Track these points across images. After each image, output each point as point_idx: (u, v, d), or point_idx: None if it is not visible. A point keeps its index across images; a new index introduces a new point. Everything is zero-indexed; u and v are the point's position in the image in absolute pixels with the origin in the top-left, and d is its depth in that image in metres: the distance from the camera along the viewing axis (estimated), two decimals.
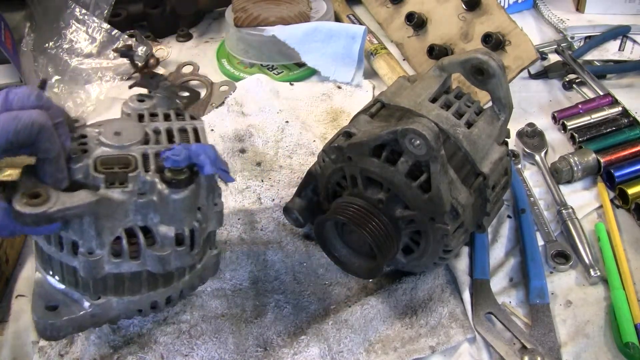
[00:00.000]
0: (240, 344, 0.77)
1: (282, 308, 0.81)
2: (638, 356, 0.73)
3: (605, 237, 0.88)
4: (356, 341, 0.77)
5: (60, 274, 0.70)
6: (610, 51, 1.26)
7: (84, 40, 1.21)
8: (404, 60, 1.26)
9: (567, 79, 1.19)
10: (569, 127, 1.06)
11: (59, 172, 0.61)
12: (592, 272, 0.83)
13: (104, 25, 1.22)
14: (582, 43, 1.28)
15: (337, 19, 1.34)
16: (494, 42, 1.09)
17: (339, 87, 1.19)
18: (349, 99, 1.17)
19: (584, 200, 0.96)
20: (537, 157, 1.02)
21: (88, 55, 1.21)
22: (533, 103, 1.16)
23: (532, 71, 1.21)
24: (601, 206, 0.94)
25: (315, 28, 1.19)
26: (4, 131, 0.56)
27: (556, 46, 1.27)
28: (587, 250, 0.86)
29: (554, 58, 1.25)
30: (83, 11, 1.22)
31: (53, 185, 0.61)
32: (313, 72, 1.23)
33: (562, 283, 0.84)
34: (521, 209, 0.91)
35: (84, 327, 0.72)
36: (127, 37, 1.22)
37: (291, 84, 1.20)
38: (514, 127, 1.03)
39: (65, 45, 1.21)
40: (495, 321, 0.79)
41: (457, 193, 0.73)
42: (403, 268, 0.84)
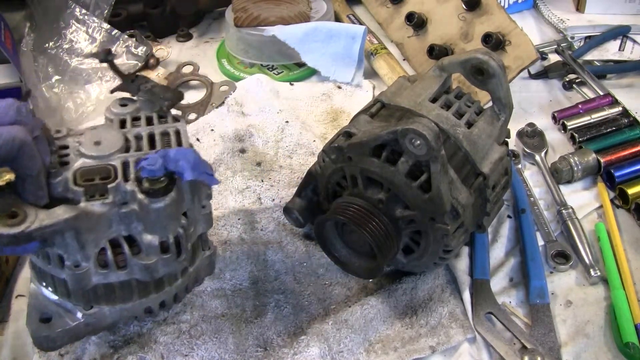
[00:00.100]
0: (240, 344, 0.77)
1: (282, 308, 0.81)
2: (638, 356, 0.73)
3: (605, 237, 0.88)
4: (356, 341, 0.77)
5: (52, 286, 0.70)
6: (610, 51, 1.26)
7: (84, 40, 1.21)
8: (404, 60, 1.26)
9: (567, 79, 1.19)
10: (569, 127, 1.06)
11: (39, 190, 0.60)
12: (592, 272, 0.83)
13: (104, 25, 1.22)
14: (582, 43, 1.28)
15: (337, 19, 1.34)
16: (494, 42, 1.09)
17: (339, 87, 1.19)
18: (349, 99, 1.17)
19: (584, 200, 0.96)
20: (537, 157, 1.02)
21: (88, 55, 1.20)
22: (533, 103, 1.16)
23: (532, 71, 1.21)
24: (601, 206, 0.94)
25: (315, 28, 1.19)
26: None
27: (556, 46, 1.27)
28: (587, 250, 0.86)
29: (554, 58, 1.25)
30: (83, 11, 1.22)
31: (33, 202, 0.60)
32: (313, 72, 1.23)
33: (562, 283, 0.84)
34: (521, 209, 0.91)
35: (80, 337, 0.72)
36: (127, 37, 1.22)
37: (291, 84, 1.20)
38: (514, 127, 1.03)
39: (65, 45, 1.20)
40: (495, 321, 0.79)
41: (457, 193, 0.73)
42: (403, 268, 0.84)
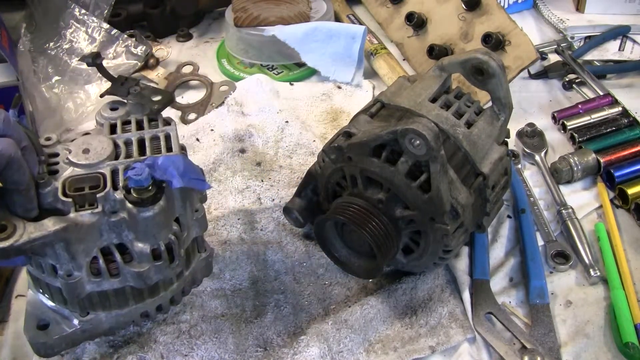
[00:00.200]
0: (240, 344, 0.77)
1: (282, 308, 0.81)
2: (638, 356, 0.73)
3: (605, 237, 0.88)
4: (356, 341, 0.77)
5: (48, 293, 0.70)
6: (610, 51, 1.26)
7: (84, 40, 1.21)
8: (404, 60, 1.26)
9: (567, 79, 1.19)
10: (569, 127, 1.06)
11: (29, 203, 0.60)
12: (592, 272, 0.83)
13: (104, 25, 1.22)
14: (582, 43, 1.28)
15: (337, 19, 1.34)
16: (494, 42, 1.09)
17: (339, 87, 1.19)
18: (349, 99, 1.17)
19: (584, 200, 0.96)
20: (537, 157, 1.02)
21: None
22: (533, 103, 1.16)
23: (532, 71, 1.21)
24: (601, 206, 0.94)
25: (315, 28, 1.19)
26: None
27: (556, 46, 1.27)
28: (587, 250, 0.86)
29: (554, 58, 1.25)
30: (83, 11, 1.22)
31: (22, 215, 0.60)
32: (313, 72, 1.23)
33: (562, 283, 0.84)
34: (521, 209, 0.91)
35: (77, 342, 0.73)
36: (127, 37, 1.22)
37: (291, 84, 1.20)
38: (514, 127, 1.03)
39: (65, 45, 1.21)
40: (495, 321, 0.79)
41: (457, 193, 0.73)
42: (403, 268, 0.84)
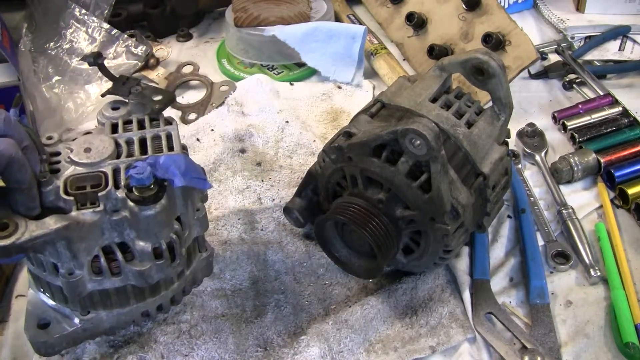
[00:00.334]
0: (240, 344, 0.77)
1: (282, 308, 0.81)
2: (638, 356, 0.73)
3: (605, 237, 0.88)
4: (356, 341, 0.77)
5: (49, 292, 0.70)
6: (610, 51, 1.26)
7: (84, 40, 1.21)
8: (404, 60, 1.26)
9: (567, 79, 1.19)
10: (569, 127, 1.06)
11: (31, 201, 0.60)
12: (592, 272, 0.83)
13: (104, 25, 1.22)
14: (582, 43, 1.28)
15: (337, 19, 1.34)
16: (494, 42, 1.09)
17: (339, 87, 1.19)
18: (349, 99, 1.17)
19: (584, 200, 0.96)
20: (537, 157, 1.02)
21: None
22: (533, 103, 1.16)
23: (532, 71, 1.21)
24: (601, 206, 0.94)
25: (315, 28, 1.19)
26: None
27: (556, 46, 1.27)
28: (587, 250, 0.86)
29: (554, 58, 1.25)
30: (83, 11, 1.22)
31: (25, 213, 0.60)
32: (313, 72, 1.23)
33: (562, 283, 0.84)
34: (521, 209, 0.91)
35: (78, 341, 0.73)
36: (127, 37, 1.22)
37: (291, 84, 1.20)
38: (514, 127, 1.03)
39: (65, 45, 1.20)
40: (495, 321, 0.79)
41: (458, 193, 0.73)
42: (403, 268, 0.84)
